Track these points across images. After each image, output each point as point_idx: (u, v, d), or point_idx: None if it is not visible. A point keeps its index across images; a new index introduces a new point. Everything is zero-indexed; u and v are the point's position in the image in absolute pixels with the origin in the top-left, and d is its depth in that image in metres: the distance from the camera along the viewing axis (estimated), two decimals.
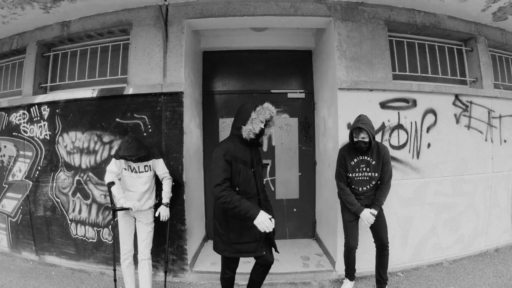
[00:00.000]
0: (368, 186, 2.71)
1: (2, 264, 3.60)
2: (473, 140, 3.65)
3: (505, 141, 3.91)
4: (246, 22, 3.40)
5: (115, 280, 2.74)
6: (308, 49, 4.10)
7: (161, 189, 2.84)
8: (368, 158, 2.68)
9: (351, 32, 3.26)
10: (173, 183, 2.91)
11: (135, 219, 2.75)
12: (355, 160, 2.70)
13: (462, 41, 3.95)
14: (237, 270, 2.39)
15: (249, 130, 2.06)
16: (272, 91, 4.11)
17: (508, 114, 3.93)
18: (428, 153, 3.41)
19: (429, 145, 3.41)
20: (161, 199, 2.82)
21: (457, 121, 3.54)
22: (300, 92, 4.12)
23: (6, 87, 4.02)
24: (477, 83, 3.79)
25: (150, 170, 2.74)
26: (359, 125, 2.55)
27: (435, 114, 3.43)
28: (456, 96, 3.53)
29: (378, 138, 3.22)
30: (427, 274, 3.34)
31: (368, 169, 2.68)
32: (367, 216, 2.65)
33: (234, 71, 4.13)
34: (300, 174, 4.22)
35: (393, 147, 3.29)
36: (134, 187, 2.69)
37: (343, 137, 3.15)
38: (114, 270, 2.72)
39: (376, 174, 2.68)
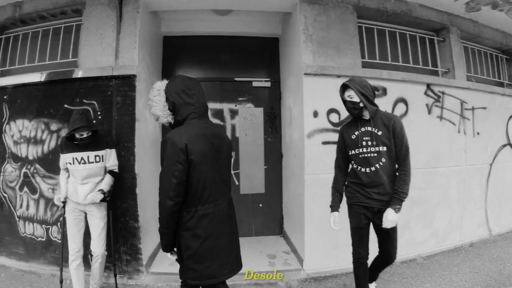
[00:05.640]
0: (376, 165, 2.13)
1: None
2: (446, 131, 3.57)
3: (478, 133, 3.85)
4: (208, 3, 3.24)
5: (61, 282, 2.53)
6: (275, 36, 3.98)
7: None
8: (371, 128, 2.14)
9: (318, 16, 3.12)
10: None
11: (86, 214, 2.55)
12: (356, 133, 2.20)
13: (434, 31, 3.91)
14: None
15: None
16: (236, 79, 3.96)
17: (481, 106, 3.89)
18: None
19: None
20: (108, 191, 2.57)
21: (429, 112, 3.45)
22: (266, 81, 3.97)
23: None
24: (449, 74, 3.74)
25: (102, 161, 2.53)
26: (344, 82, 2.16)
27: (406, 103, 3.32)
28: (428, 85, 3.44)
29: None
30: (400, 271, 3.21)
31: (374, 143, 2.12)
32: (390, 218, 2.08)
33: (196, 58, 3.96)
34: (266, 167, 4.07)
35: None
36: (85, 179, 2.47)
37: (309, 126, 3.00)
38: (61, 269, 2.53)
39: (385, 148, 2.12)
